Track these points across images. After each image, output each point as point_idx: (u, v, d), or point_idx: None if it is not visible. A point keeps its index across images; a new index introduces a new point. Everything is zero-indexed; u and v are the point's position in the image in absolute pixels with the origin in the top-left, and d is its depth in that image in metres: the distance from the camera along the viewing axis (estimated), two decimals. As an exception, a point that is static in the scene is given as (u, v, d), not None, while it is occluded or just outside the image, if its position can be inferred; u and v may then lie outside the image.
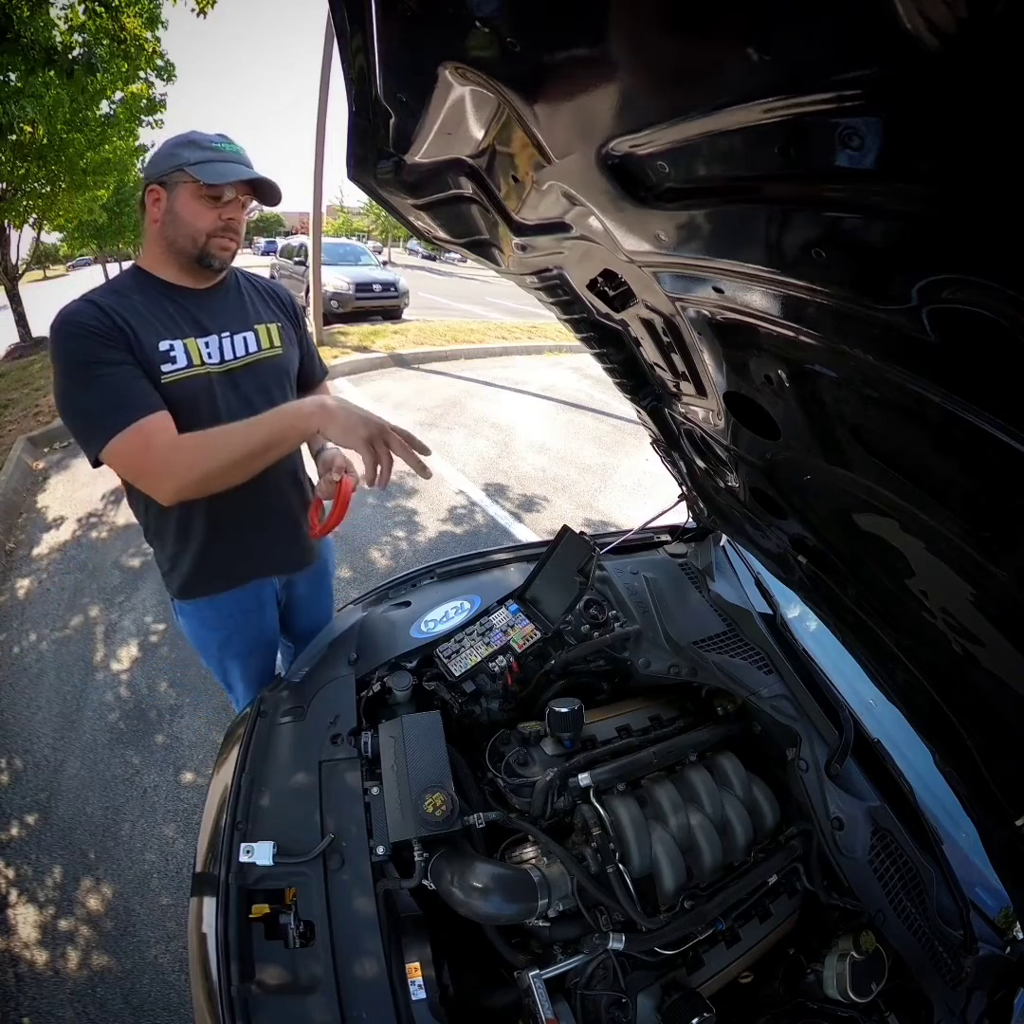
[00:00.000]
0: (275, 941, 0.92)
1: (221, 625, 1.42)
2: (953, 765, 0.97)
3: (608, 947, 0.96)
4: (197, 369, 1.17)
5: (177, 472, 1.05)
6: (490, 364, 8.02)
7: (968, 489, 0.57)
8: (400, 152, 0.81)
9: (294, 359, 1.39)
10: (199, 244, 1.14)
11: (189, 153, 1.10)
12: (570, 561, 1.39)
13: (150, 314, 1.13)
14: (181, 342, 1.15)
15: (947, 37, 0.27)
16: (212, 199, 1.11)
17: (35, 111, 4.74)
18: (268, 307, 1.37)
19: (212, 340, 1.21)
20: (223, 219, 1.14)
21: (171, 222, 1.13)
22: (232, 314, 1.27)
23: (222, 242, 1.16)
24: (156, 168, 1.12)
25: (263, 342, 1.30)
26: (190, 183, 1.09)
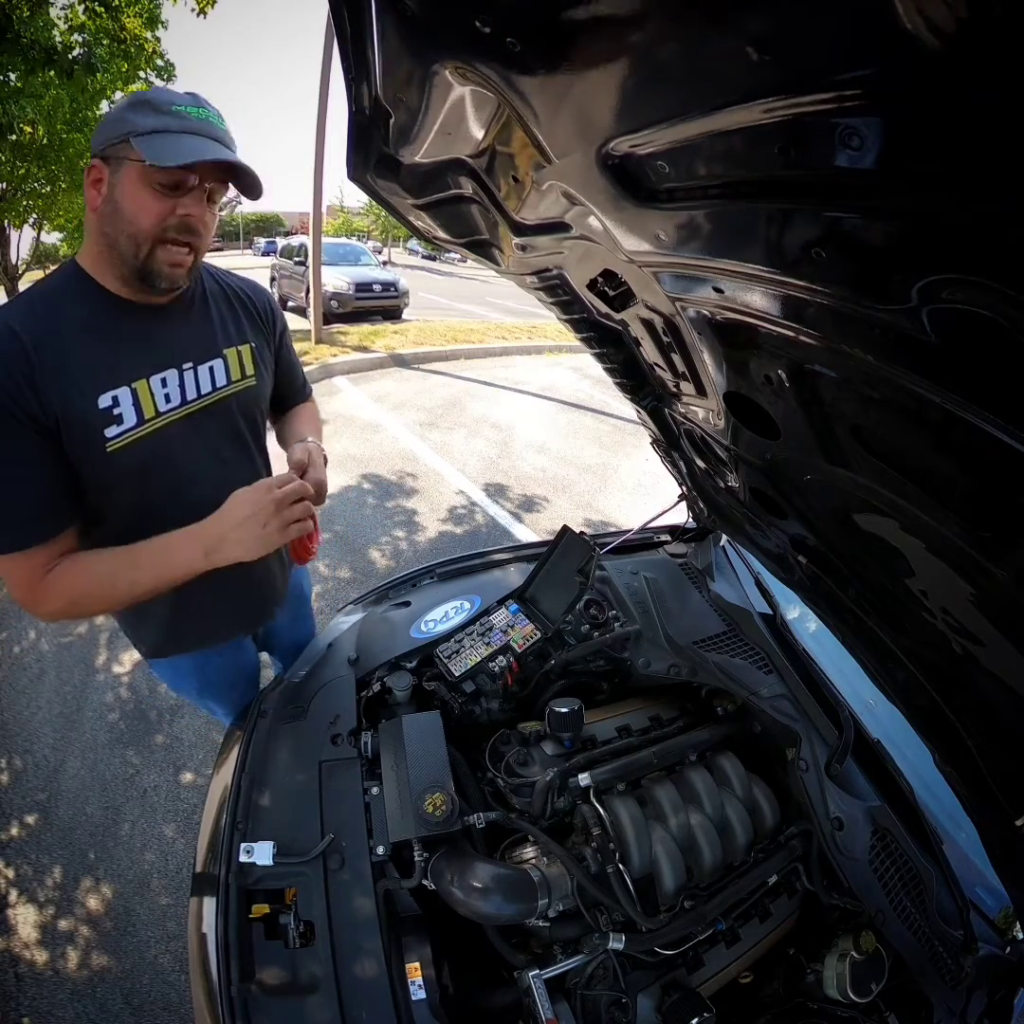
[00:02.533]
0: (275, 941, 0.92)
1: (198, 672, 1.30)
2: (953, 765, 0.97)
3: (608, 947, 0.96)
4: (149, 426, 0.92)
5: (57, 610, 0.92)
6: (490, 364, 8.02)
7: (968, 489, 0.57)
8: (400, 152, 0.81)
9: (267, 387, 1.16)
10: (141, 253, 0.84)
11: (141, 119, 0.79)
12: (570, 561, 1.39)
13: (88, 344, 0.86)
14: (128, 389, 0.89)
15: (947, 37, 0.27)
16: (165, 187, 0.81)
17: (35, 111, 4.73)
18: (240, 321, 1.10)
19: (171, 376, 0.95)
20: (177, 215, 0.83)
21: (111, 214, 0.82)
22: (196, 336, 1.00)
23: (172, 254, 0.86)
24: (99, 137, 0.82)
25: (233, 372, 1.05)
26: (135, 161, 0.78)
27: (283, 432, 1.31)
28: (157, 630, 1.16)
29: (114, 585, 0.91)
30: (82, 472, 0.88)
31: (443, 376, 7.12)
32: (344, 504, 3.91)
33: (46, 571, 0.87)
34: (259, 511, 0.89)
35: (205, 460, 1.03)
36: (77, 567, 0.90)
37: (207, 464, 1.03)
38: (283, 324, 1.23)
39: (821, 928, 1.15)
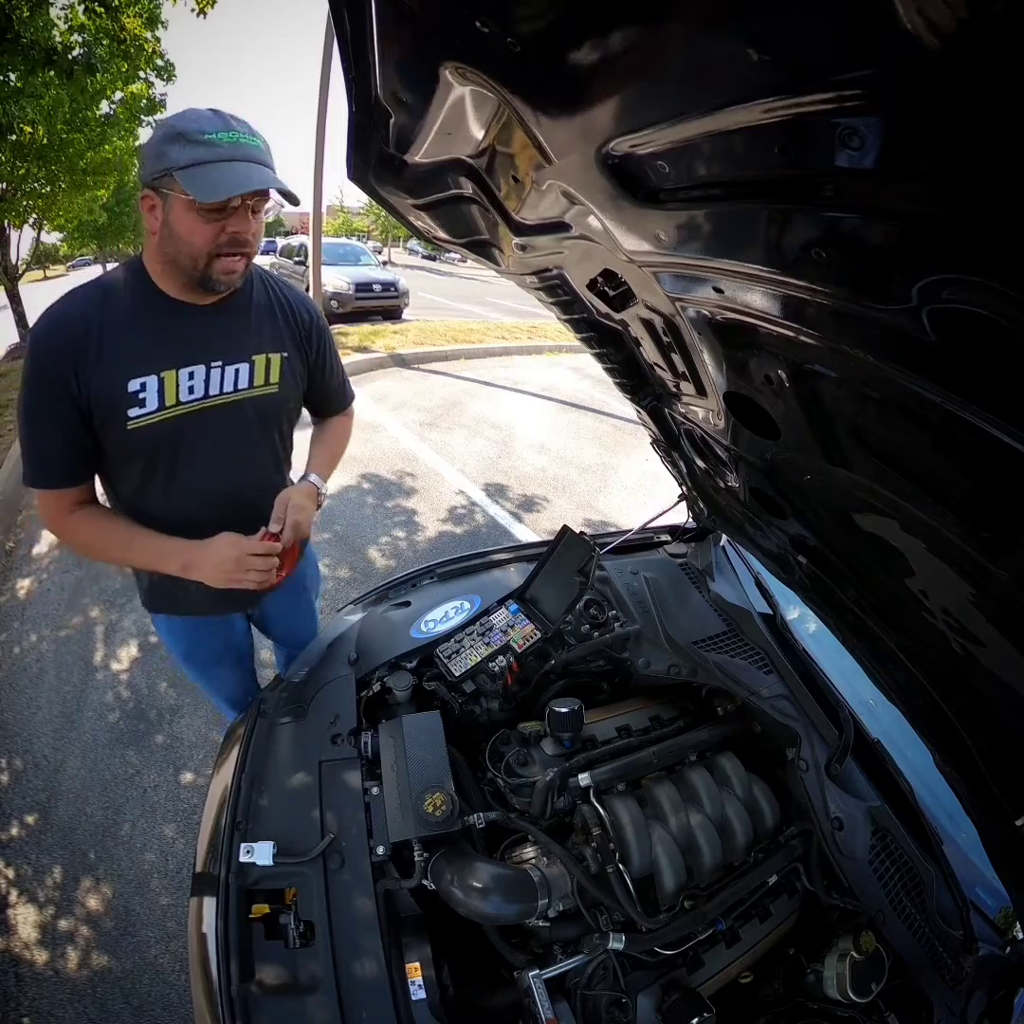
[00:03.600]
0: (275, 941, 0.92)
1: (185, 636, 1.40)
2: (953, 765, 0.97)
3: (608, 947, 0.96)
4: (168, 412, 1.05)
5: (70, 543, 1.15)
6: (490, 364, 8.02)
7: (968, 489, 0.57)
8: (400, 152, 0.81)
9: (293, 396, 1.24)
10: (199, 266, 0.97)
11: (177, 152, 0.89)
12: (570, 561, 1.39)
13: (135, 334, 1.01)
14: (156, 377, 1.02)
15: (947, 37, 0.27)
16: (211, 212, 0.92)
17: (35, 111, 4.74)
18: (278, 331, 1.18)
19: (199, 371, 1.07)
20: (227, 233, 0.95)
21: (168, 237, 0.96)
22: (231, 339, 1.11)
23: (227, 263, 0.99)
24: (146, 169, 0.94)
25: (257, 377, 1.14)
26: (181, 195, 0.90)
27: (312, 442, 1.40)
28: (152, 588, 1.30)
29: (111, 551, 1.16)
30: (104, 441, 1.04)
31: (443, 376, 7.12)
32: (344, 504, 3.90)
33: (71, 511, 1.08)
34: (226, 560, 1.07)
35: (209, 452, 1.13)
36: (92, 523, 1.11)
37: (210, 456, 1.13)
38: (323, 342, 1.28)
39: (821, 928, 1.15)
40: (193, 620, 1.37)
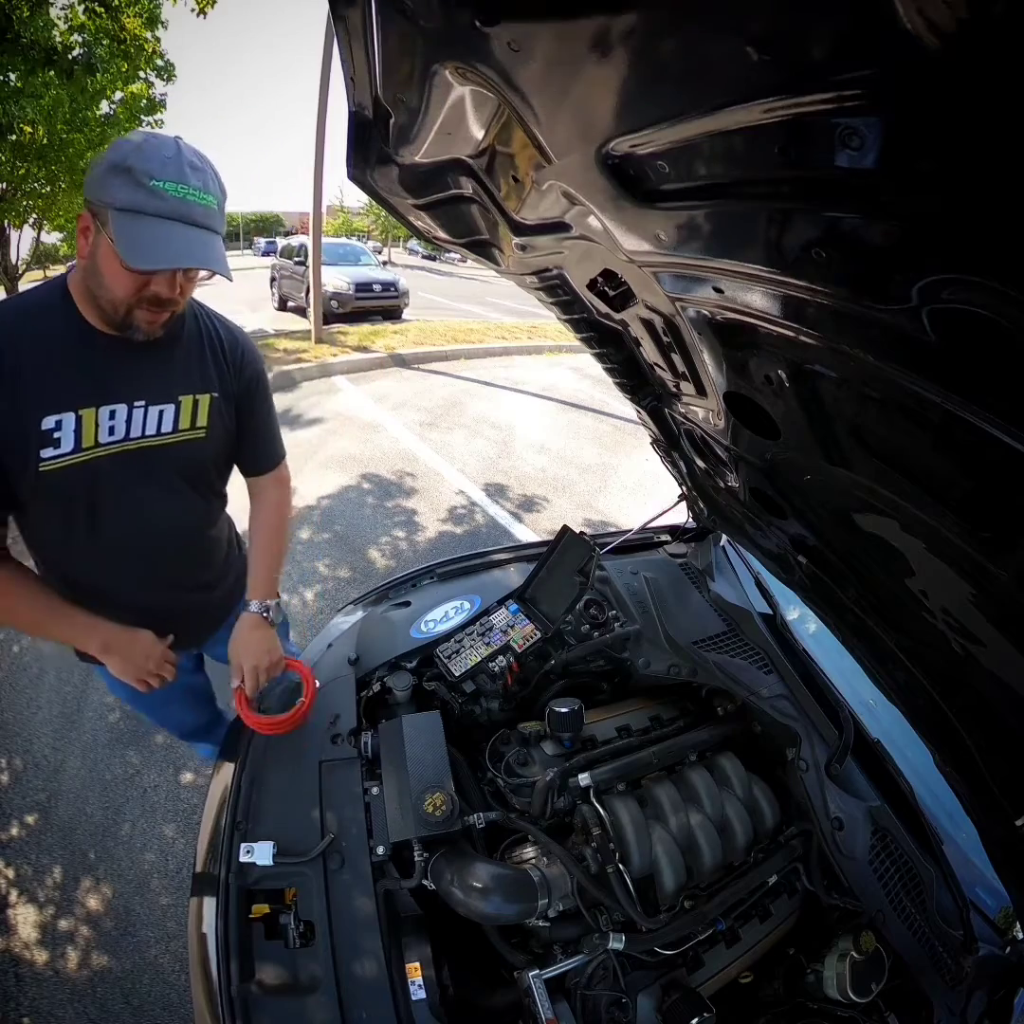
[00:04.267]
0: (275, 941, 0.92)
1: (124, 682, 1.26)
2: (953, 765, 0.97)
3: (608, 947, 0.96)
4: (84, 455, 0.93)
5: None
6: (490, 364, 8.02)
7: (968, 489, 0.57)
8: (400, 152, 0.81)
9: (221, 442, 1.11)
10: (119, 312, 0.88)
11: (117, 189, 0.78)
12: (570, 561, 1.39)
13: (54, 364, 0.89)
14: (74, 415, 0.91)
15: (947, 37, 0.27)
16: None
17: (35, 111, 4.73)
18: (208, 369, 1.06)
19: (120, 410, 0.96)
20: (151, 290, 0.86)
21: (93, 274, 0.85)
22: (157, 377, 1.00)
23: (148, 315, 0.89)
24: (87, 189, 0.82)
25: (183, 420, 1.03)
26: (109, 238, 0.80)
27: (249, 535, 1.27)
28: None
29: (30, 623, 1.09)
30: (15, 484, 0.92)
31: (443, 376, 7.12)
32: (344, 504, 3.91)
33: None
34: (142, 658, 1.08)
35: (130, 501, 1.03)
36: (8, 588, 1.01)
37: (131, 505, 1.03)
38: (254, 379, 1.14)
39: (821, 928, 1.15)
40: None
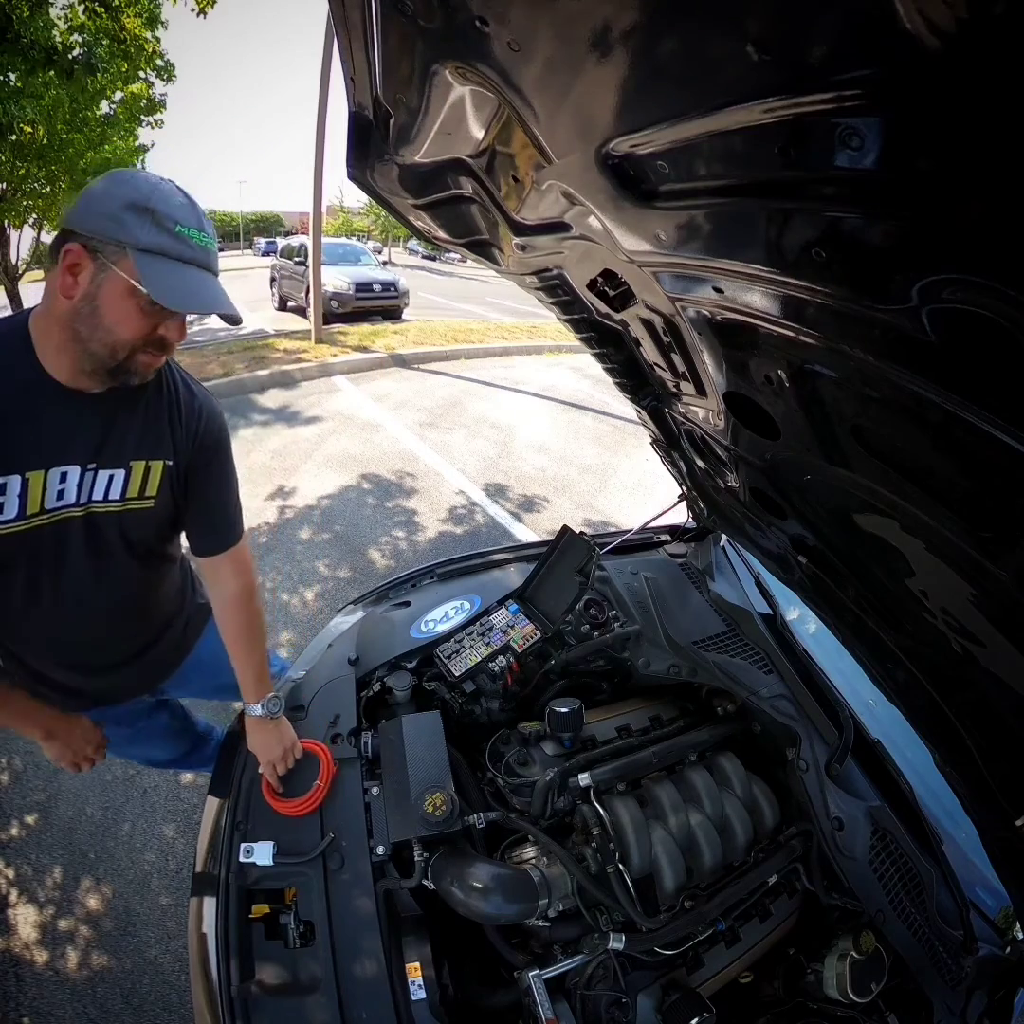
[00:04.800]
0: (275, 941, 0.92)
1: None
2: (953, 765, 0.97)
3: (608, 947, 0.96)
4: (29, 522, 0.86)
5: None
6: (490, 364, 8.02)
7: (968, 489, 0.57)
8: (400, 152, 0.81)
9: (169, 511, 1.02)
10: (118, 357, 0.82)
11: (141, 230, 0.75)
12: (570, 561, 1.39)
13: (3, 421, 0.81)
14: (21, 478, 0.82)
15: (947, 37, 0.27)
16: (152, 306, 0.78)
17: (35, 111, 4.73)
18: (164, 431, 0.96)
19: (73, 473, 0.88)
20: (159, 334, 0.82)
21: (88, 315, 0.78)
22: (112, 436, 0.91)
23: (149, 359, 0.85)
24: (88, 221, 0.75)
25: (131, 488, 0.94)
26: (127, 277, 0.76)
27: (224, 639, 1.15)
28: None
29: None
30: None
31: (443, 376, 7.12)
32: (344, 504, 3.91)
33: None
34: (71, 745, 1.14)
35: (69, 569, 0.95)
36: None
37: (70, 572, 0.95)
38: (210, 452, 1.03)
39: (821, 928, 1.15)
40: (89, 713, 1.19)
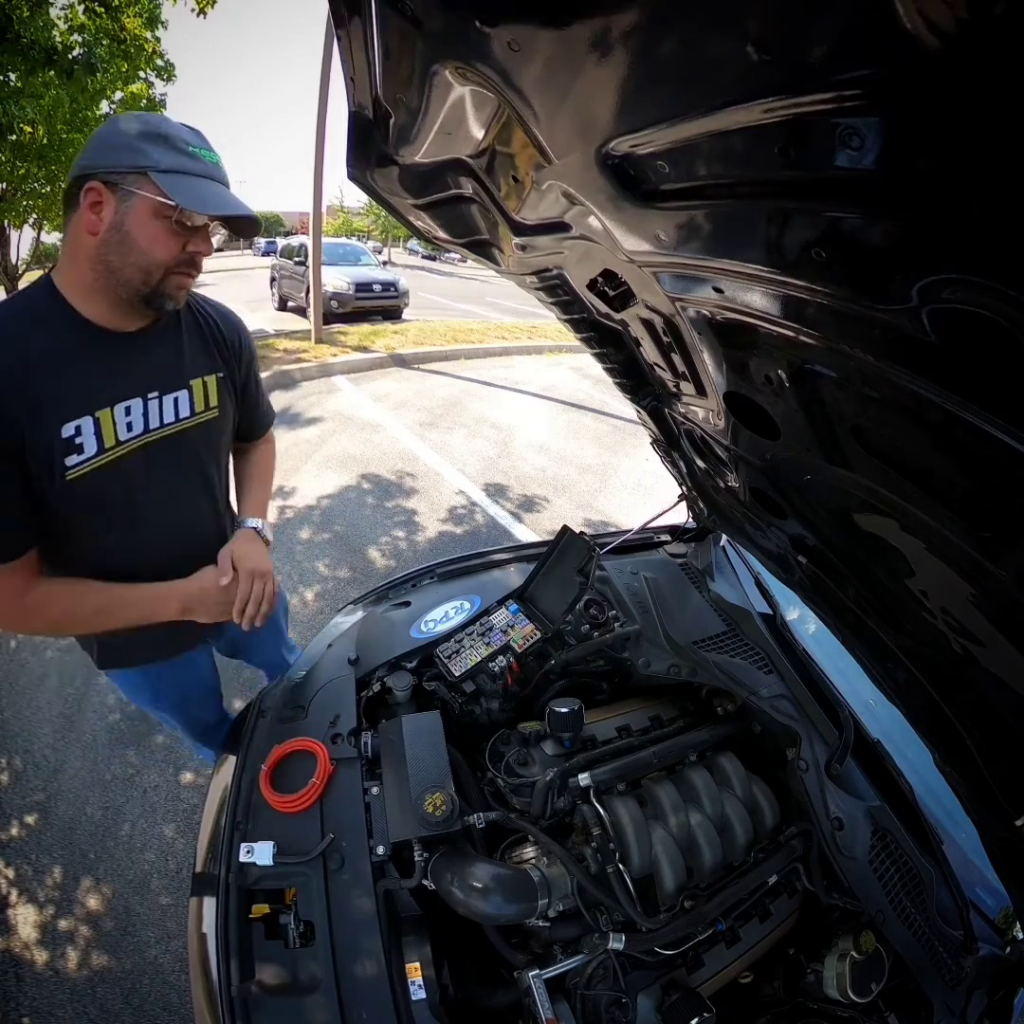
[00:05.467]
0: (275, 941, 0.92)
1: (149, 685, 1.33)
2: (953, 765, 0.97)
3: (608, 947, 0.96)
4: (109, 455, 0.94)
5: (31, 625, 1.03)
6: (490, 364, 8.02)
7: (968, 489, 0.57)
8: (400, 152, 0.81)
9: (231, 418, 1.16)
10: (152, 281, 0.87)
11: (159, 154, 0.81)
12: (570, 561, 1.39)
13: (57, 373, 0.87)
14: (91, 419, 0.90)
15: (947, 37, 0.27)
16: (181, 224, 0.84)
17: (35, 111, 4.73)
18: (209, 351, 1.09)
19: (135, 405, 0.96)
20: (188, 251, 0.88)
21: (118, 243, 0.83)
22: (165, 366, 1.01)
23: (181, 279, 0.91)
24: (105, 158, 0.80)
25: (197, 403, 1.06)
26: (156, 199, 0.81)
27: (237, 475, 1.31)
28: (100, 644, 1.21)
29: (93, 617, 1.02)
30: (43, 495, 0.90)
31: (443, 376, 7.12)
32: (344, 504, 3.91)
33: (27, 588, 0.94)
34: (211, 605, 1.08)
35: (161, 489, 1.04)
36: (64, 591, 0.98)
37: (163, 493, 1.04)
38: (250, 355, 1.20)
39: (821, 928, 1.15)
40: (153, 670, 1.27)
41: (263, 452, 1.37)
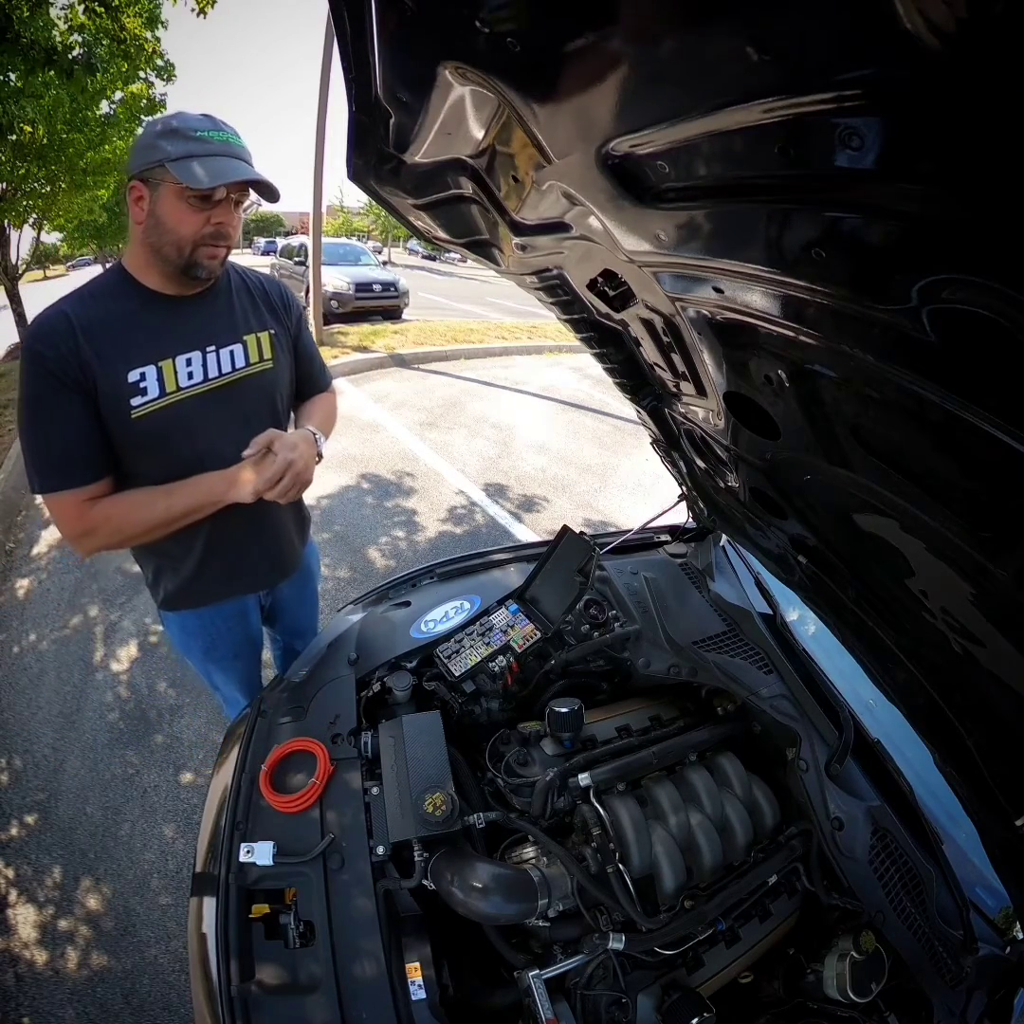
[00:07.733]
0: (275, 941, 0.92)
1: (204, 633, 1.41)
2: (953, 765, 0.97)
3: (608, 947, 0.96)
4: (170, 398, 1.09)
5: (101, 537, 1.12)
6: (490, 364, 8.02)
7: (968, 489, 0.57)
8: (400, 152, 0.81)
9: (286, 371, 1.30)
10: (184, 253, 1.03)
11: (171, 146, 0.96)
12: (570, 561, 1.39)
13: (126, 330, 1.05)
14: (155, 367, 1.07)
15: (947, 37, 0.27)
16: (199, 200, 0.99)
17: (35, 111, 4.73)
18: (260, 311, 1.26)
19: (195, 357, 1.12)
20: (212, 224, 1.02)
21: (154, 227, 1.01)
22: (220, 324, 1.17)
23: (210, 250, 1.05)
24: (136, 161, 1.00)
25: (252, 355, 1.21)
26: (172, 183, 0.97)
27: (298, 419, 1.42)
28: (179, 580, 1.29)
29: (153, 514, 1.11)
30: (112, 433, 1.06)
31: (443, 376, 7.12)
32: (344, 504, 3.91)
33: (91, 507, 1.07)
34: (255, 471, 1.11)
35: (218, 432, 1.16)
36: (122, 500, 1.11)
37: (219, 436, 1.16)
38: (299, 312, 1.35)
39: (821, 928, 1.15)
40: (211, 615, 1.38)
41: (325, 398, 1.46)
